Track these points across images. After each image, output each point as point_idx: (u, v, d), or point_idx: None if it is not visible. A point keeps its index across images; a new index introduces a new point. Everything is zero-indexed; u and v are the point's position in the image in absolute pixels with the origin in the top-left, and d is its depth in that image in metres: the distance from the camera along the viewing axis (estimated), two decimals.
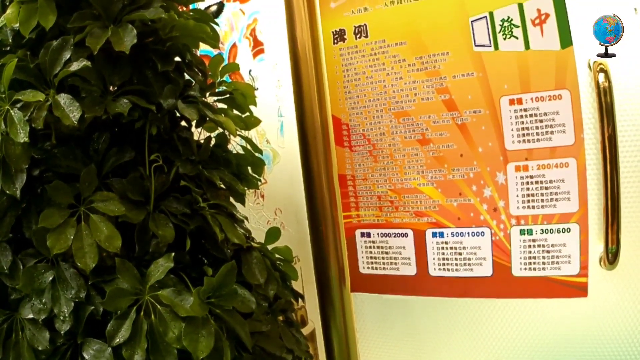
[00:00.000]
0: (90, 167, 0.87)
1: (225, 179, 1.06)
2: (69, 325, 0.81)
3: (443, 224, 1.18)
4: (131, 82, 0.94)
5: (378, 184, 1.24)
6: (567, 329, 1.13)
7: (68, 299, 0.82)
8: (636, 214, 1.04)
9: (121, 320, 0.82)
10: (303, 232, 1.33)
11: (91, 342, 0.82)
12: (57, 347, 0.81)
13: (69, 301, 0.82)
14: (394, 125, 1.20)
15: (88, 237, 0.83)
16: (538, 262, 1.11)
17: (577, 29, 1.03)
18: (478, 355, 1.21)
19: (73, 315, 0.82)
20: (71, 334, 0.82)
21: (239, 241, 1.02)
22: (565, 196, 1.06)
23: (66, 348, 0.82)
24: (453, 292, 1.19)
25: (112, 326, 0.81)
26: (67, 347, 0.82)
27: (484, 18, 1.08)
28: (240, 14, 1.38)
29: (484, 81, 1.10)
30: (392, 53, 1.17)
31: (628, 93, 1.01)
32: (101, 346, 0.81)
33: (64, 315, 0.81)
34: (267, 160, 1.37)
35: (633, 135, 1.01)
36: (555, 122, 1.05)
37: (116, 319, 0.82)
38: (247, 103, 1.13)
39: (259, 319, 1.01)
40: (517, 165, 1.10)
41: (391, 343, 1.30)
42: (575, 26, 1.03)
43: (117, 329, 0.81)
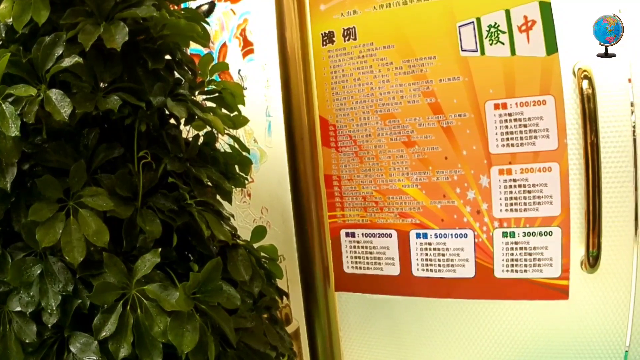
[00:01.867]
0: (80, 162, 0.88)
1: (213, 177, 1.08)
2: (56, 318, 0.82)
3: (427, 225, 1.20)
4: (122, 79, 0.95)
5: (363, 184, 1.26)
6: (548, 331, 1.15)
7: (56, 292, 0.83)
8: (617, 219, 1.07)
9: (108, 314, 0.83)
10: (289, 231, 1.34)
11: (78, 335, 0.82)
12: (44, 340, 0.82)
13: (57, 294, 0.83)
14: (380, 127, 1.22)
15: (76, 232, 0.84)
16: (520, 264, 1.13)
17: (562, 35, 1.05)
18: (460, 355, 1.23)
19: (60, 309, 0.83)
20: (58, 327, 0.83)
21: (225, 238, 1.03)
22: (548, 200, 1.09)
23: (53, 341, 0.83)
24: (436, 292, 1.21)
25: (98, 320, 0.82)
26: (54, 340, 0.83)
27: (471, 23, 1.10)
28: (231, 13, 1.39)
29: (470, 85, 1.12)
30: (380, 56, 1.19)
31: (610, 99, 1.04)
32: (88, 339, 0.82)
33: (51, 309, 0.82)
34: (254, 159, 1.38)
35: (614, 140, 1.04)
36: (539, 127, 1.08)
37: (103, 313, 0.83)
38: (235, 102, 1.14)
39: (244, 315, 1.02)
40: (501, 169, 1.12)
41: (374, 342, 1.32)
42: (560, 33, 1.05)
43: (103, 322, 0.82)
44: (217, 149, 1.13)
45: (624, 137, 1.04)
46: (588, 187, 1.03)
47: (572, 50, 1.05)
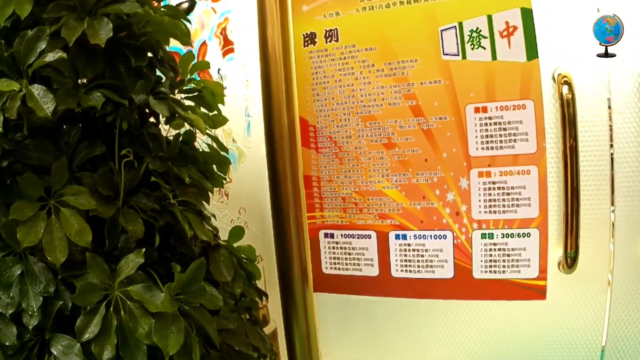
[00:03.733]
0: (62, 160, 0.86)
1: (194, 176, 1.07)
2: (37, 320, 0.79)
3: (406, 227, 1.22)
4: (103, 76, 0.93)
5: (343, 185, 1.26)
6: (526, 330, 1.18)
7: (37, 293, 0.80)
8: (594, 221, 1.10)
9: (90, 315, 0.81)
10: (267, 231, 1.34)
11: (60, 337, 0.80)
12: (25, 342, 0.80)
13: (38, 295, 0.80)
14: (361, 129, 1.23)
15: (58, 231, 0.82)
16: (498, 265, 1.15)
17: (543, 41, 1.08)
18: (438, 355, 1.25)
19: (41, 310, 0.80)
20: (39, 329, 0.80)
21: (207, 238, 1.02)
22: (526, 202, 1.12)
23: (34, 343, 0.80)
24: (414, 293, 1.23)
25: (81, 322, 0.80)
26: (34, 343, 0.80)
27: (453, 28, 1.12)
28: (211, 12, 1.38)
29: (451, 89, 1.14)
30: (361, 58, 1.20)
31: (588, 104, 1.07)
32: (70, 342, 0.80)
33: (32, 310, 0.79)
34: (232, 159, 1.37)
35: (592, 144, 1.07)
36: (518, 131, 1.10)
37: (85, 315, 0.80)
38: (215, 101, 1.13)
39: (226, 316, 1.01)
40: (480, 171, 1.14)
41: (353, 343, 1.32)
42: (541, 39, 1.08)
43: (86, 324, 0.80)
44: (197, 148, 1.12)
45: (600, 140, 1.07)
46: (567, 190, 1.05)
47: (552, 55, 1.08)
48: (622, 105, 1.06)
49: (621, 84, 1.07)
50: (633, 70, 1.06)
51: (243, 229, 1.25)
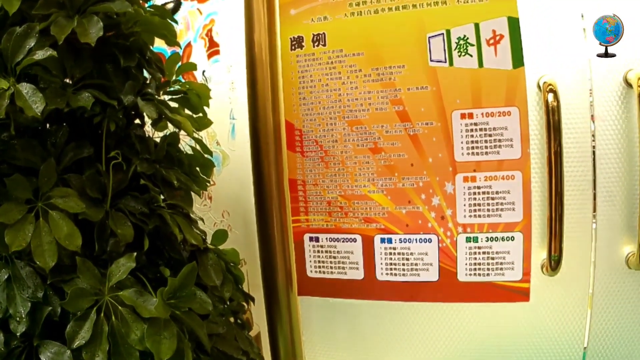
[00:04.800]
0: (50, 161, 0.83)
1: (182, 179, 1.05)
2: (25, 326, 0.77)
3: (391, 230, 1.23)
4: (91, 76, 0.91)
5: (328, 189, 1.26)
6: (510, 332, 1.20)
7: (24, 298, 0.78)
8: (576, 225, 1.13)
9: (81, 321, 0.78)
10: (250, 235, 1.33)
11: (49, 344, 0.78)
12: (12, 349, 0.77)
13: (26, 301, 0.78)
14: (347, 133, 1.23)
15: (47, 235, 0.79)
16: (483, 268, 1.17)
17: (528, 50, 1.11)
18: (423, 358, 1.26)
19: (29, 316, 0.78)
20: (27, 336, 0.78)
21: (197, 242, 1.01)
22: (510, 206, 1.14)
23: (21, 350, 0.77)
24: (400, 296, 1.23)
25: (71, 327, 0.78)
26: (22, 350, 0.78)
27: (441, 35, 1.14)
28: (197, 13, 1.36)
29: (437, 95, 1.16)
30: (349, 63, 1.21)
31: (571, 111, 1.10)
32: (60, 348, 0.77)
33: (20, 316, 0.77)
34: (216, 162, 1.35)
35: (574, 150, 1.10)
36: (503, 137, 1.12)
37: (76, 320, 0.78)
38: (201, 103, 1.12)
39: (215, 321, 1.00)
40: (466, 176, 1.16)
41: (337, 346, 1.32)
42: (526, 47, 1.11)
43: (77, 330, 0.78)
44: (182, 151, 1.10)
45: (583, 146, 1.10)
46: (551, 194, 1.08)
47: (537, 64, 1.10)
48: (604, 113, 1.10)
49: (603, 91, 1.10)
50: (615, 78, 1.09)
51: (227, 232, 1.24)
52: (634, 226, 1.10)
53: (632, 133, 1.08)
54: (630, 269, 1.12)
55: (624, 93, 1.08)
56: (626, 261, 1.13)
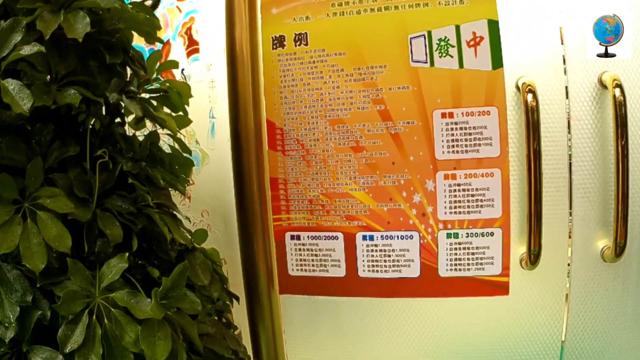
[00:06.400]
0: (37, 160, 0.81)
1: (167, 178, 1.04)
2: (13, 332, 0.75)
3: (373, 228, 1.24)
4: (75, 73, 0.89)
5: (310, 188, 1.27)
6: (490, 326, 1.24)
7: (13, 303, 0.76)
8: (553, 221, 1.16)
9: (73, 325, 0.77)
10: (230, 234, 1.32)
11: (39, 349, 0.76)
12: (0, 356, 0.74)
13: (14, 306, 0.76)
14: (329, 132, 1.24)
15: (36, 236, 0.77)
16: (463, 263, 1.20)
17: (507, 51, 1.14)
18: (406, 353, 1.28)
19: (18, 321, 0.75)
20: (16, 342, 0.75)
21: (185, 241, 1.00)
22: (490, 203, 1.17)
23: (9, 357, 0.75)
24: (382, 292, 1.25)
25: (63, 331, 0.76)
26: (10, 356, 0.75)
27: (422, 36, 1.16)
28: (176, 11, 1.35)
29: (419, 95, 1.18)
30: (331, 62, 1.21)
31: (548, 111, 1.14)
32: (51, 354, 0.75)
33: (8, 321, 0.74)
34: (195, 161, 1.34)
35: (552, 148, 1.14)
36: (483, 136, 1.15)
37: (67, 324, 0.76)
38: (182, 102, 1.11)
39: (203, 320, 1.00)
40: (446, 174, 1.19)
41: (320, 343, 1.33)
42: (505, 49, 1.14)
43: (69, 334, 0.76)
44: (163, 150, 1.09)
45: (559, 145, 1.15)
46: (530, 191, 1.11)
47: (516, 65, 1.14)
48: (580, 113, 1.14)
49: (579, 92, 1.15)
50: (590, 79, 1.14)
51: (206, 232, 1.23)
52: (609, 221, 1.15)
53: (606, 132, 1.13)
54: (605, 262, 1.17)
55: (598, 94, 1.14)
56: (601, 255, 1.18)
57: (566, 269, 1.18)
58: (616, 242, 1.12)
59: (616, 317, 1.21)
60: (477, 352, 1.24)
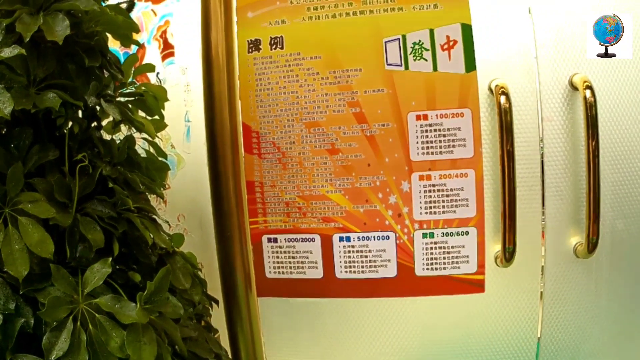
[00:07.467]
0: (18, 165, 0.80)
1: (145, 182, 1.03)
2: None
3: (350, 229, 1.26)
4: (53, 76, 0.88)
5: (286, 190, 1.28)
6: (467, 323, 1.27)
7: None
8: (527, 219, 1.20)
9: (57, 331, 0.76)
10: (207, 238, 1.32)
11: (23, 358, 0.74)
12: None
13: None
14: (305, 135, 1.25)
15: (18, 242, 0.76)
16: (439, 262, 1.23)
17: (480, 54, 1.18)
18: (384, 352, 1.30)
19: (1, 330, 0.74)
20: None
21: (166, 245, 1.00)
22: (464, 203, 1.20)
23: None
24: (359, 293, 1.27)
25: (47, 339, 0.75)
26: None
27: (397, 40, 1.19)
28: (151, 14, 1.34)
29: (394, 97, 1.20)
30: (306, 66, 1.23)
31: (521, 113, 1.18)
32: None
33: None
34: (171, 165, 1.33)
35: (524, 149, 1.18)
36: (457, 137, 1.18)
37: (52, 331, 0.75)
38: (158, 106, 1.11)
39: (186, 324, 0.99)
40: (421, 175, 1.21)
41: (298, 345, 1.33)
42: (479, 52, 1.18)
43: (54, 341, 0.75)
44: (139, 154, 1.08)
45: (532, 145, 1.19)
46: (504, 191, 1.15)
47: (488, 69, 1.18)
48: (551, 113, 1.19)
49: (550, 94, 1.19)
50: (561, 81, 1.18)
51: (183, 236, 1.23)
52: (581, 218, 1.20)
53: (577, 132, 1.18)
54: (578, 258, 1.22)
55: (569, 95, 1.18)
56: (574, 251, 1.22)
57: (540, 266, 1.22)
58: (588, 239, 1.17)
59: (590, 311, 1.26)
60: (455, 350, 1.27)
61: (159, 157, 1.12)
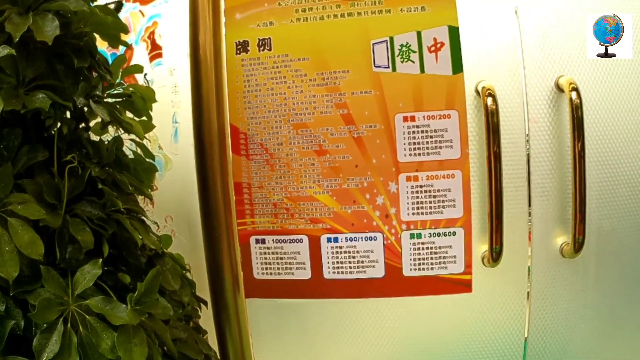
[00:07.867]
0: (7, 165, 0.79)
1: (134, 183, 1.03)
2: None
3: (337, 230, 1.27)
4: (42, 77, 0.88)
5: (274, 191, 1.28)
6: (454, 323, 1.29)
7: None
8: (514, 219, 1.22)
9: (48, 333, 0.75)
10: (194, 239, 1.31)
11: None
12: None
13: None
14: (292, 136, 1.26)
15: (8, 243, 0.76)
16: (426, 262, 1.24)
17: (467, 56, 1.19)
18: (372, 352, 1.31)
19: None
20: None
21: (155, 247, 1.00)
22: (451, 203, 1.22)
23: None
24: (347, 293, 1.28)
25: (38, 341, 0.74)
26: None
27: (385, 42, 1.20)
28: (139, 15, 1.33)
29: (381, 99, 1.21)
30: (294, 67, 1.23)
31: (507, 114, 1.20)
32: None
33: None
34: (158, 166, 1.32)
35: (511, 150, 1.20)
36: (443, 138, 1.20)
37: (42, 333, 0.75)
38: (146, 107, 1.11)
39: (175, 325, 0.99)
40: (408, 176, 1.22)
41: (287, 346, 1.34)
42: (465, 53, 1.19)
43: (44, 343, 0.74)
44: (127, 155, 1.08)
45: (518, 147, 1.21)
46: (491, 192, 1.17)
47: (475, 70, 1.20)
48: (537, 115, 1.21)
49: (536, 96, 1.21)
50: (547, 83, 1.20)
51: (171, 238, 1.23)
52: (567, 219, 1.22)
53: (563, 134, 1.20)
54: (564, 258, 1.25)
55: (555, 97, 1.20)
56: (560, 251, 1.25)
57: (527, 266, 1.24)
58: (575, 239, 1.19)
59: (576, 311, 1.29)
60: (442, 350, 1.29)
61: (147, 159, 1.12)
